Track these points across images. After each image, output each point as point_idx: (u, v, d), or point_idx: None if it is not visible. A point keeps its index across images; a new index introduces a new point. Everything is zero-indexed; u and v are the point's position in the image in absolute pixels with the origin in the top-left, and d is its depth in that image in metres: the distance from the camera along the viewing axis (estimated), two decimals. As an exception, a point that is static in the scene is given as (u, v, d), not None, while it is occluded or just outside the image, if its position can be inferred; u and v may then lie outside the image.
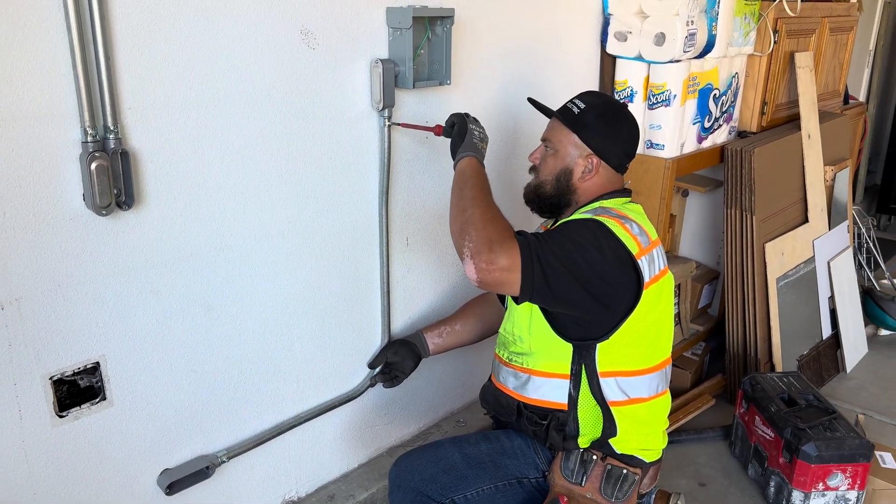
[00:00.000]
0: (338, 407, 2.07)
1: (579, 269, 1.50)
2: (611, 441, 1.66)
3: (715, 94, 2.69)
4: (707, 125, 2.71)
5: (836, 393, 3.05)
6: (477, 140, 1.75)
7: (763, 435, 2.42)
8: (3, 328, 1.40)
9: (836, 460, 2.21)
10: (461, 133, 1.75)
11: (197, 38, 1.52)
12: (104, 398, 1.58)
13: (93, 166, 1.38)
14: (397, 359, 2.05)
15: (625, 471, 1.66)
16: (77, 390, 1.53)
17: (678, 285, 2.89)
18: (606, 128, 1.71)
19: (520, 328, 1.70)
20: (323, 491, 2.13)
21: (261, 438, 1.90)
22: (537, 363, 1.68)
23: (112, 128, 1.41)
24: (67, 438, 1.55)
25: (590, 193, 1.73)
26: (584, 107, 1.72)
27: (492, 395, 1.82)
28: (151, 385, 1.66)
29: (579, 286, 1.50)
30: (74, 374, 1.52)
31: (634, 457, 1.68)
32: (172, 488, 1.71)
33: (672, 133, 2.51)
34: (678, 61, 2.42)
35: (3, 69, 1.29)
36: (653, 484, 1.77)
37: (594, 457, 1.66)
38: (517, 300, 1.54)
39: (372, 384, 2.11)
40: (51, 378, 1.49)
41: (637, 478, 1.67)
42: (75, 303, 1.49)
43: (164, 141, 1.53)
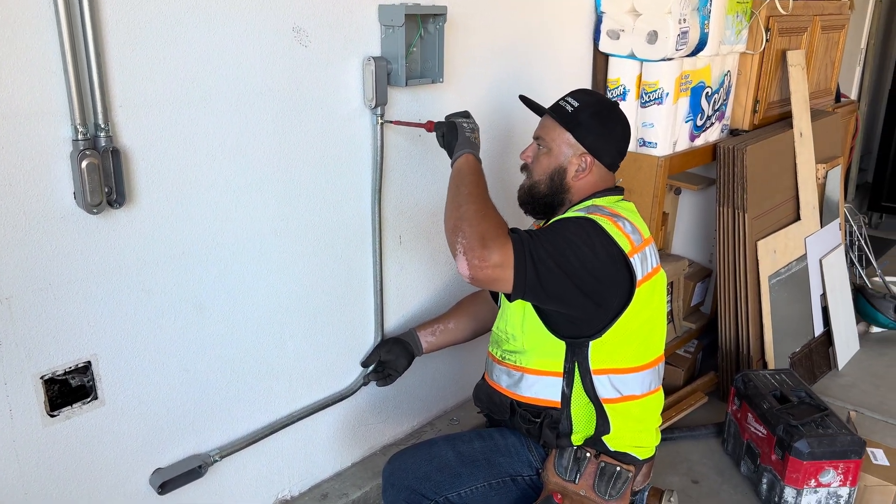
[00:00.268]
0: (331, 406, 2.07)
1: (572, 267, 1.50)
2: (604, 438, 1.66)
3: (707, 92, 2.70)
4: (699, 123, 2.71)
5: (828, 390, 3.06)
6: (468, 133, 1.75)
7: (755, 432, 2.43)
8: (-6, 327, 1.40)
9: (828, 457, 2.22)
10: (452, 132, 1.75)
11: (188, 36, 1.52)
12: (96, 397, 1.58)
13: (83, 164, 1.38)
14: (390, 357, 2.05)
15: (618, 468, 1.66)
16: (68, 389, 1.53)
17: (671, 283, 2.90)
18: (601, 126, 1.71)
19: (513, 326, 1.70)
20: (316, 490, 2.12)
21: (253, 437, 1.89)
22: (530, 361, 1.68)
23: (103, 125, 1.41)
24: (59, 438, 1.54)
25: (583, 192, 1.72)
26: (578, 105, 1.71)
27: (485, 394, 1.82)
28: (143, 384, 1.65)
29: (572, 284, 1.50)
30: (66, 374, 1.51)
31: (628, 454, 1.68)
32: (165, 488, 1.71)
33: (664, 131, 2.51)
34: (670, 59, 2.43)
35: (-7, 66, 1.28)
36: (646, 481, 1.77)
37: (588, 454, 1.66)
38: (509, 297, 1.54)
39: (365, 383, 2.11)
40: (42, 377, 1.48)
41: (630, 475, 1.67)
42: (66, 302, 1.48)
43: (156, 139, 1.52)
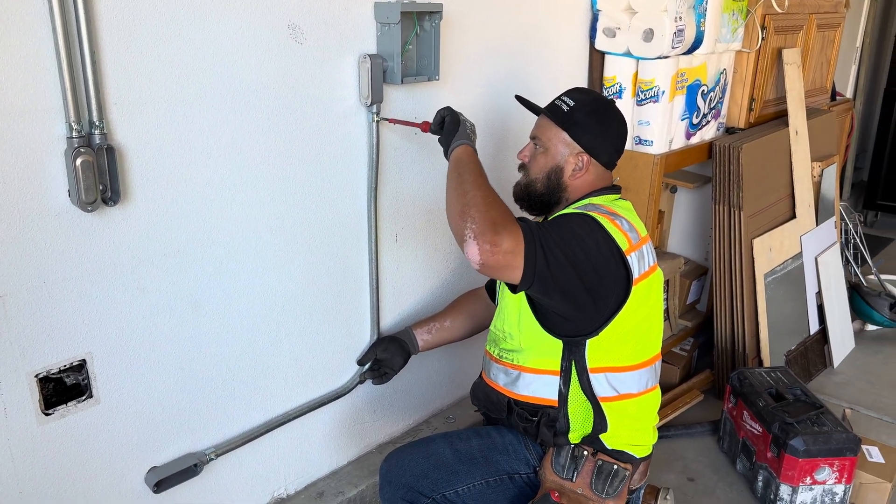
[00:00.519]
0: (327, 404, 2.07)
1: (577, 260, 1.50)
2: (601, 437, 1.66)
3: (703, 91, 2.70)
4: (695, 121, 2.71)
5: (824, 388, 3.07)
6: (469, 131, 1.75)
7: (751, 430, 2.43)
8: (-12, 326, 1.39)
9: (824, 454, 2.23)
10: (455, 122, 1.74)
11: (183, 33, 1.51)
12: (91, 396, 1.57)
13: (78, 162, 1.37)
14: (386, 355, 2.04)
15: (615, 466, 1.66)
16: (63, 388, 1.52)
17: (666, 281, 2.90)
18: (597, 125, 1.71)
19: (510, 325, 1.70)
20: (312, 488, 2.12)
21: (249, 436, 1.89)
22: (527, 360, 1.68)
23: (97, 123, 1.40)
24: (54, 437, 1.54)
25: (580, 191, 1.72)
26: (574, 104, 1.71)
27: (482, 392, 1.82)
28: (138, 382, 1.65)
29: (576, 276, 1.50)
30: (60, 372, 1.51)
31: (625, 452, 1.68)
32: (160, 486, 1.70)
33: (660, 129, 2.52)
34: (666, 57, 2.43)
35: (-14, 63, 1.28)
36: (643, 479, 1.77)
37: (585, 452, 1.66)
38: (514, 289, 1.53)
39: (361, 381, 2.11)
40: (36, 376, 1.48)
41: (627, 473, 1.67)
42: (61, 300, 1.47)
43: (151, 136, 1.52)
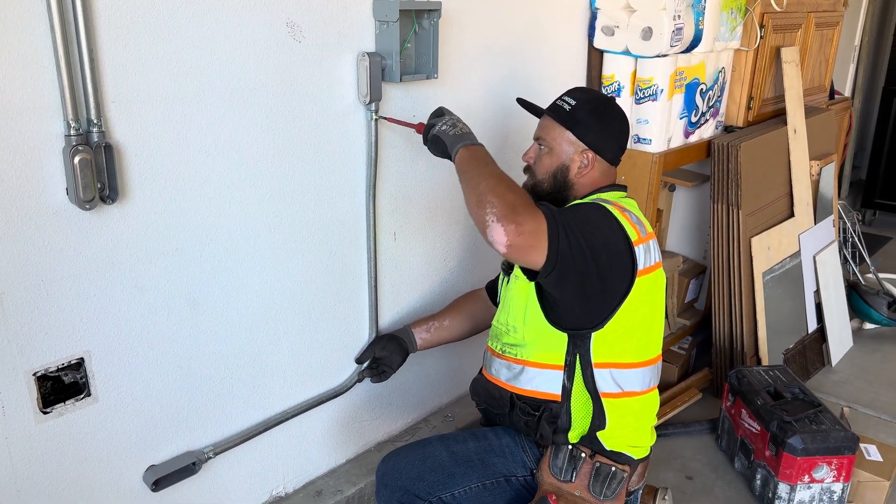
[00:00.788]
0: (325, 402, 2.07)
1: (594, 244, 1.50)
2: (599, 436, 1.66)
3: (702, 89, 2.70)
4: (694, 120, 2.71)
5: (822, 386, 3.07)
6: (452, 131, 1.69)
7: (749, 428, 2.43)
8: (-14, 324, 1.39)
9: (822, 453, 2.23)
10: (437, 143, 1.71)
11: (181, 31, 1.51)
12: (89, 394, 1.57)
13: (76, 160, 1.37)
14: (385, 354, 2.04)
15: (613, 468, 1.66)
16: (61, 386, 1.52)
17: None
18: (599, 122, 1.71)
19: (514, 318, 1.70)
20: (310, 486, 2.12)
21: (248, 434, 1.89)
22: (531, 354, 1.68)
23: (95, 121, 1.40)
24: (52, 435, 1.54)
25: (587, 187, 1.73)
26: (575, 103, 1.72)
27: (483, 388, 1.82)
28: (137, 381, 1.65)
29: (593, 261, 1.50)
30: (59, 370, 1.51)
31: (623, 454, 1.68)
32: (158, 485, 1.70)
33: (659, 127, 2.52)
34: (665, 56, 2.43)
35: (-16, 61, 1.27)
36: (641, 481, 1.77)
37: (583, 454, 1.66)
38: (538, 274, 1.48)
39: (359, 379, 2.11)
40: (34, 374, 1.47)
41: (625, 475, 1.67)
42: (59, 298, 1.47)
43: (149, 134, 1.52)
